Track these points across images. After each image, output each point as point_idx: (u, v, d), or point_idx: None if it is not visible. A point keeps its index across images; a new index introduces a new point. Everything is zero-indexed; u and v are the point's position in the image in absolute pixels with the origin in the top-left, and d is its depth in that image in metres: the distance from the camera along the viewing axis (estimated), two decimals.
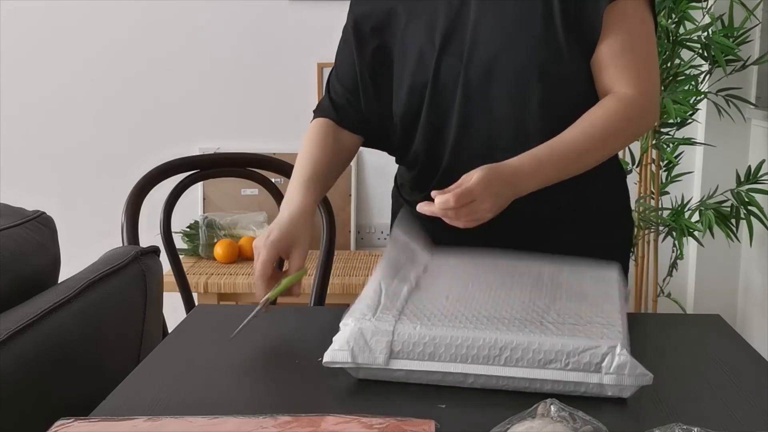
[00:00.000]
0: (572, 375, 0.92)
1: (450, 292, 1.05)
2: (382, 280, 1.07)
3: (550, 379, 0.93)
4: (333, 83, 1.38)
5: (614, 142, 1.25)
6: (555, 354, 0.92)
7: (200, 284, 2.51)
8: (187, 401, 0.94)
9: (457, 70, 1.25)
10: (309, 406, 0.89)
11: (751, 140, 2.80)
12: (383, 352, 0.95)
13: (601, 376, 0.92)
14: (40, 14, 2.96)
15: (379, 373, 0.96)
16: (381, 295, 1.03)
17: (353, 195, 2.96)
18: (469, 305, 1.01)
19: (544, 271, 1.14)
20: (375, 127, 1.37)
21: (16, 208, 1.30)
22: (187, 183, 1.72)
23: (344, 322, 0.98)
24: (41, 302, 1.11)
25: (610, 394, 0.93)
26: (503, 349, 0.93)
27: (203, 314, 1.32)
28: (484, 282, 1.09)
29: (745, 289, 2.88)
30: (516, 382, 0.94)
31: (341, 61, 1.37)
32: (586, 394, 0.93)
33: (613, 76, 1.23)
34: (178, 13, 2.94)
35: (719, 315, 1.26)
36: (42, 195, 2.44)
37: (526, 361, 0.93)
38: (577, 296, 1.06)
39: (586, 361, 0.92)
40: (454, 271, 1.13)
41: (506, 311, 1.00)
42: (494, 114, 1.25)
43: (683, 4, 2.41)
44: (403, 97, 1.30)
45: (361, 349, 0.95)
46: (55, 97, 3.01)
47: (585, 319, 0.98)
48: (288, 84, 2.95)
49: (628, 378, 0.91)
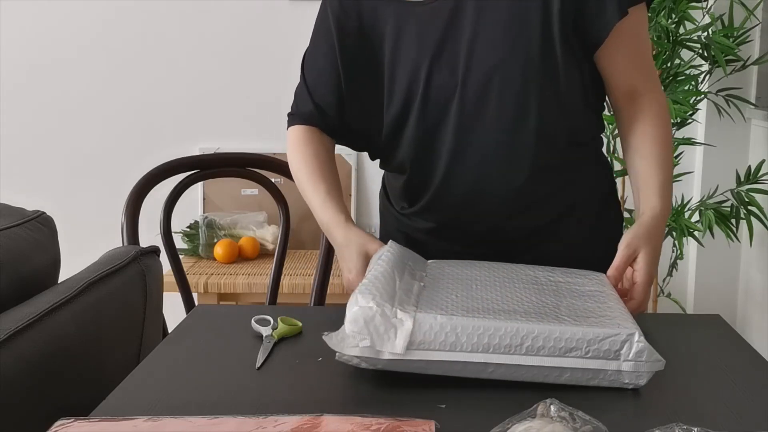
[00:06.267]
0: (592, 363, 0.94)
1: (457, 293, 1.05)
2: (395, 270, 1.07)
3: (570, 367, 0.94)
4: (313, 88, 1.33)
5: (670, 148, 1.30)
6: (576, 342, 0.94)
7: (200, 284, 2.51)
8: (187, 401, 0.94)
9: (451, 84, 1.21)
10: (309, 406, 0.89)
11: (751, 140, 2.80)
12: (402, 341, 0.94)
13: (620, 363, 0.94)
14: (39, 14, 2.96)
15: (398, 364, 0.95)
16: (396, 286, 1.02)
17: (353, 195, 2.96)
18: (480, 302, 1.02)
19: (538, 275, 1.14)
20: (356, 134, 1.34)
21: (16, 208, 1.30)
22: (187, 183, 1.72)
23: (363, 303, 0.96)
24: (41, 302, 1.11)
25: (626, 382, 0.95)
26: (525, 338, 0.94)
27: (203, 314, 1.32)
28: (487, 282, 1.10)
29: (745, 289, 2.88)
30: (535, 371, 0.95)
31: (318, 66, 1.31)
32: (602, 384, 0.95)
33: (631, 82, 1.26)
34: (178, 13, 2.94)
35: (719, 315, 1.26)
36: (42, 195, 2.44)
37: (548, 350, 0.94)
38: (579, 295, 1.07)
39: (605, 349, 0.94)
40: (455, 275, 1.13)
41: (519, 306, 1.01)
42: (490, 129, 1.22)
43: (683, 4, 2.41)
44: (392, 105, 1.26)
45: (381, 337, 0.94)
46: (55, 97, 3.01)
47: (596, 313, 1.00)
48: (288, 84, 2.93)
49: (645, 365, 0.94)
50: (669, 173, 1.24)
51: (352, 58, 1.28)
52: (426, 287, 1.07)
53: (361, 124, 1.31)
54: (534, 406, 0.83)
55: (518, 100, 1.20)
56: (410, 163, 1.29)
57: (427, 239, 1.33)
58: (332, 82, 1.29)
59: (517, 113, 1.21)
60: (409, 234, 1.36)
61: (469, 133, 1.23)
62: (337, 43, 1.28)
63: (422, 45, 1.22)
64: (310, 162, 1.31)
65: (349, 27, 1.27)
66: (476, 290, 1.06)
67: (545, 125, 1.22)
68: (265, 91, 2.95)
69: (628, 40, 1.23)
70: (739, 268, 2.90)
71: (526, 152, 1.23)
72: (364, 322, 0.94)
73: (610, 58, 1.25)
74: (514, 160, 1.23)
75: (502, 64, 1.19)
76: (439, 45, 1.21)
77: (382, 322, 0.94)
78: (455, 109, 1.22)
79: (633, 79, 1.26)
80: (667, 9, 2.41)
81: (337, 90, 1.30)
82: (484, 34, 1.20)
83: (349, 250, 1.22)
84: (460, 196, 1.27)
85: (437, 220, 1.33)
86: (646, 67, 1.29)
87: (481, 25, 1.20)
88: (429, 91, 1.22)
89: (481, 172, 1.24)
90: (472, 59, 1.20)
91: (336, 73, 1.29)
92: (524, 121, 1.22)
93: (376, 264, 1.09)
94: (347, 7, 1.28)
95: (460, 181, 1.26)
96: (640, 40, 1.27)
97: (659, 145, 1.24)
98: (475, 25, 1.20)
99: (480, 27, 1.20)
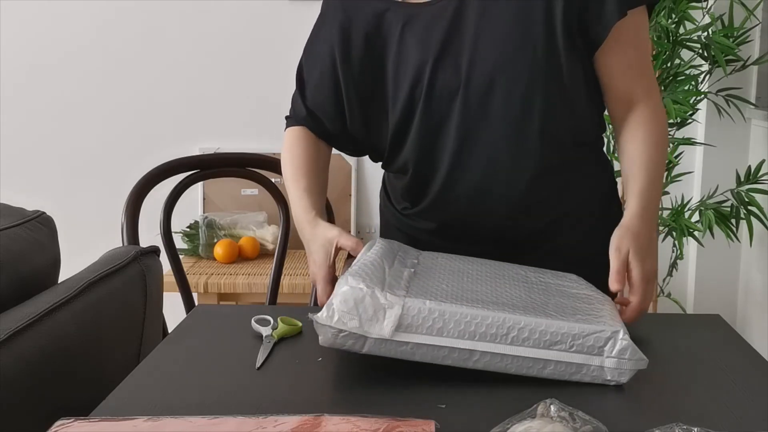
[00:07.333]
0: (575, 357, 0.96)
1: (448, 283, 1.05)
2: (384, 259, 1.07)
3: (554, 360, 0.96)
4: (310, 91, 1.33)
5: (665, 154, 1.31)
6: (561, 336, 0.96)
7: (200, 284, 2.51)
8: (187, 401, 0.95)
9: (455, 84, 1.20)
10: (309, 406, 0.89)
11: (751, 140, 2.80)
12: (390, 325, 0.95)
13: (603, 359, 0.96)
14: (40, 14, 2.96)
15: (384, 346, 0.96)
16: (385, 273, 1.03)
17: (353, 195, 2.96)
18: (469, 293, 1.02)
19: (529, 275, 1.15)
20: (360, 142, 1.34)
21: (16, 208, 1.30)
22: (187, 183, 1.72)
23: (354, 284, 0.97)
24: (41, 302, 1.11)
25: (609, 378, 0.96)
26: (511, 328, 0.96)
27: (203, 314, 1.32)
28: (478, 277, 1.10)
29: (745, 289, 2.88)
30: (519, 362, 0.96)
31: (318, 69, 1.31)
32: (584, 379, 0.96)
33: (627, 87, 1.25)
34: (178, 13, 2.94)
35: (719, 315, 1.27)
36: (42, 195, 2.44)
37: (532, 341, 0.96)
38: (569, 296, 1.08)
39: (590, 345, 0.96)
40: (446, 266, 1.14)
41: (507, 300, 1.02)
42: (494, 130, 1.22)
43: (683, 4, 2.40)
44: (396, 107, 1.25)
45: (370, 319, 0.95)
46: (55, 97, 3.01)
47: (584, 312, 1.02)
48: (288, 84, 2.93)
49: (627, 362, 0.96)
50: (655, 177, 1.24)
51: (355, 64, 1.27)
52: (417, 274, 1.07)
53: (365, 131, 1.30)
54: (534, 406, 0.84)
55: (523, 99, 1.20)
56: (413, 164, 1.29)
57: (428, 239, 1.33)
58: (331, 91, 1.29)
59: (522, 113, 1.21)
60: (411, 234, 1.36)
61: (473, 133, 1.22)
62: (339, 50, 1.27)
63: (426, 45, 1.22)
64: (296, 160, 1.32)
65: (352, 33, 1.26)
66: (466, 282, 1.07)
67: (550, 125, 1.22)
68: (265, 91, 2.95)
69: (626, 45, 1.22)
70: (739, 268, 2.90)
71: (530, 152, 1.23)
72: (354, 302, 0.95)
73: (607, 63, 1.24)
74: (518, 160, 1.23)
75: (506, 64, 1.19)
76: (442, 45, 1.21)
77: (372, 304, 0.95)
78: (458, 109, 1.21)
79: (630, 85, 1.25)
80: (667, 9, 2.41)
81: (335, 99, 1.29)
82: (487, 33, 1.19)
83: (315, 244, 1.22)
84: (463, 197, 1.27)
85: (440, 221, 1.32)
86: (644, 75, 1.27)
87: (484, 25, 1.19)
88: (433, 92, 1.22)
89: (486, 173, 1.24)
90: (475, 59, 1.19)
91: (335, 83, 1.28)
92: (529, 120, 1.21)
93: (365, 255, 1.10)
94: (351, 12, 1.27)
95: (463, 181, 1.25)
96: (639, 47, 1.26)
97: (649, 150, 1.24)
98: (478, 24, 1.19)
99: (483, 27, 1.19)
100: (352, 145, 1.36)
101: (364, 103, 1.28)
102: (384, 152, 1.32)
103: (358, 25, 1.26)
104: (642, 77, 1.27)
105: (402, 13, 1.24)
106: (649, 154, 1.24)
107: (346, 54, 1.27)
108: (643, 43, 1.28)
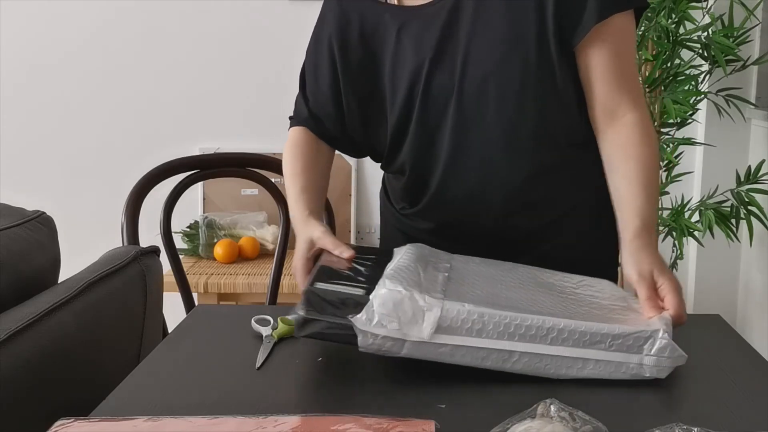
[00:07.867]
0: (615, 356, 0.96)
1: (483, 288, 1.05)
2: (417, 263, 1.07)
3: (593, 359, 0.96)
4: (311, 93, 1.34)
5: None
6: (601, 336, 0.97)
7: (200, 284, 2.51)
8: (187, 401, 0.95)
9: (449, 86, 1.21)
10: (309, 406, 0.89)
11: (751, 140, 2.80)
12: (429, 327, 0.95)
13: (642, 357, 0.97)
14: (40, 14, 2.96)
15: (423, 348, 0.95)
16: (421, 277, 1.02)
17: (353, 195, 2.96)
18: (505, 300, 1.02)
19: (563, 284, 1.14)
20: (359, 144, 1.34)
21: (16, 208, 1.30)
22: (187, 183, 1.72)
23: (392, 287, 0.96)
24: (41, 302, 1.11)
25: (647, 375, 0.97)
26: (550, 329, 0.96)
27: (203, 314, 1.32)
28: (512, 284, 1.10)
29: (745, 289, 2.88)
30: (558, 362, 0.96)
31: (318, 70, 1.32)
32: (623, 377, 0.97)
33: (609, 95, 1.21)
34: (179, 13, 2.94)
35: (719, 315, 1.26)
36: (42, 195, 2.44)
37: (572, 341, 0.96)
38: (601, 307, 1.07)
39: (629, 344, 0.97)
40: (479, 272, 1.13)
41: (543, 307, 1.02)
42: (488, 131, 1.22)
43: (683, 4, 2.40)
44: (395, 107, 1.25)
45: (409, 321, 0.95)
46: (55, 97, 3.01)
47: (621, 319, 1.01)
48: (288, 84, 2.93)
49: (666, 360, 0.97)
50: (651, 194, 1.19)
51: (353, 66, 1.28)
52: (451, 279, 1.07)
53: (364, 132, 1.31)
54: (534, 406, 0.84)
55: (516, 101, 1.20)
56: (411, 165, 1.29)
57: (427, 239, 1.33)
58: (331, 93, 1.30)
59: (516, 114, 1.21)
60: (409, 234, 1.36)
61: (467, 134, 1.23)
62: (338, 52, 1.28)
63: (422, 46, 1.22)
64: (296, 160, 1.32)
65: (350, 35, 1.27)
66: (501, 289, 1.06)
67: (544, 126, 1.22)
68: (265, 91, 2.95)
69: (607, 50, 1.19)
70: (739, 268, 2.90)
71: (525, 152, 1.23)
72: (393, 305, 0.95)
73: (589, 65, 1.21)
74: (513, 160, 1.23)
75: (499, 66, 1.19)
76: (438, 46, 1.21)
77: (411, 306, 0.95)
78: (453, 110, 1.22)
79: (612, 95, 1.21)
80: (667, 9, 2.41)
81: (336, 101, 1.30)
82: (480, 35, 1.19)
83: (300, 239, 1.21)
84: (459, 197, 1.27)
85: (437, 221, 1.33)
86: (628, 85, 1.22)
87: (477, 27, 1.19)
88: (429, 92, 1.22)
89: (481, 173, 1.24)
90: (469, 61, 1.20)
91: (335, 84, 1.29)
92: (522, 121, 1.21)
93: (397, 260, 1.09)
94: (349, 14, 1.28)
95: (459, 181, 1.26)
96: (622, 55, 1.22)
97: (645, 172, 1.20)
98: (472, 26, 1.20)
99: (477, 28, 1.19)
100: (352, 147, 1.37)
101: (363, 104, 1.29)
102: (383, 153, 1.32)
103: (355, 27, 1.27)
104: (625, 88, 1.22)
105: (398, 15, 1.25)
106: (646, 175, 1.19)
107: (345, 55, 1.28)
108: (627, 51, 1.23)
